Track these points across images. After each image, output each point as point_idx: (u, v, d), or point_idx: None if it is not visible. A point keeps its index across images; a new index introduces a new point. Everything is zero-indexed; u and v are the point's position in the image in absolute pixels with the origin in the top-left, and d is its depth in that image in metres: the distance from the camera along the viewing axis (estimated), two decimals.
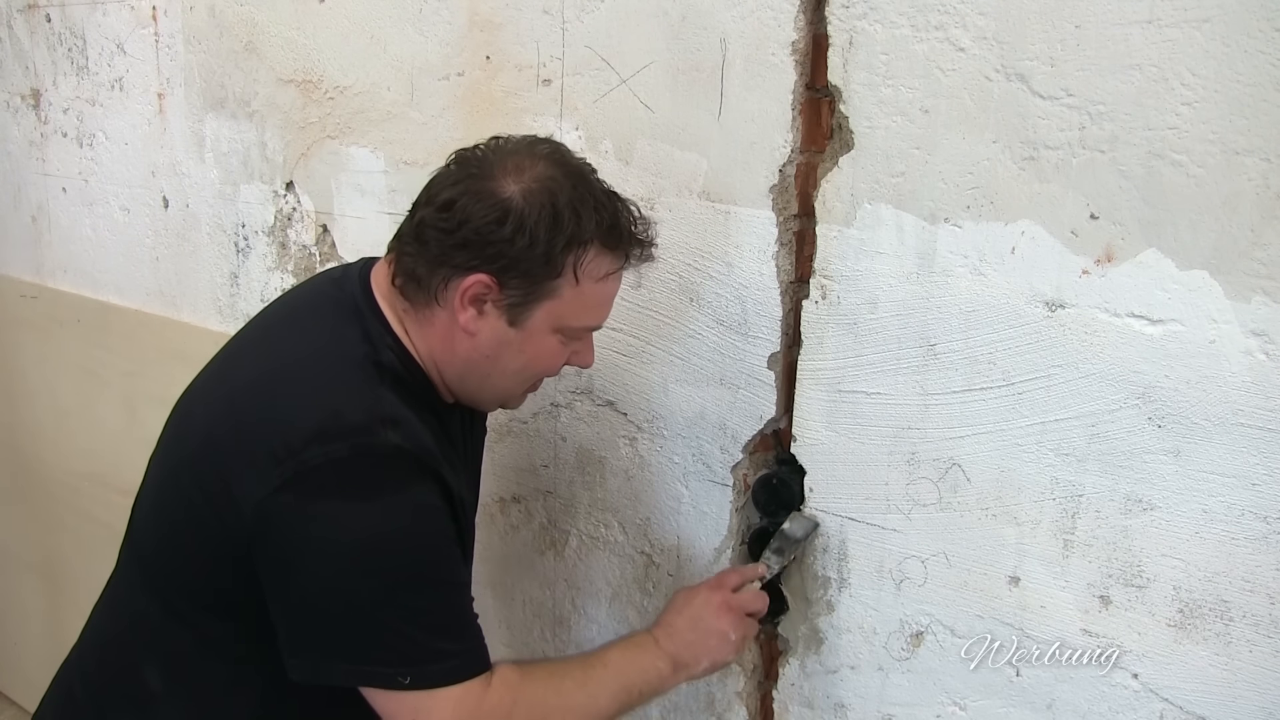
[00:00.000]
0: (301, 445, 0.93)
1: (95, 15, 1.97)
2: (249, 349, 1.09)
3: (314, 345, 1.03)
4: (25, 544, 2.51)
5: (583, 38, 1.28)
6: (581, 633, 1.49)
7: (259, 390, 1.00)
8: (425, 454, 0.97)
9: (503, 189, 0.96)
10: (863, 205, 1.09)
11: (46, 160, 2.18)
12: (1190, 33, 0.88)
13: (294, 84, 1.65)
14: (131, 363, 2.09)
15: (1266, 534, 0.92)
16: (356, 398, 0.97)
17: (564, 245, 0.96)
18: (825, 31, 1.09)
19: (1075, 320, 0.99)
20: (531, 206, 0.95)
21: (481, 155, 1.00)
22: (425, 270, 0.99)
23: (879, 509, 1.15)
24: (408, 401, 1.00)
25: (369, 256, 1.13)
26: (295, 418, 0.95)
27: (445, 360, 1.04)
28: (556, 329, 1.02)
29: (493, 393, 1.09)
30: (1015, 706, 1.10)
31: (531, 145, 1.01)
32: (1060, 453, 1.02)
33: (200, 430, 1.03)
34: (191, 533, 1.00)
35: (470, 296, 0.98)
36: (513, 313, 0.99)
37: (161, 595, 1.05)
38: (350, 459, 0.93)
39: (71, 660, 1.17)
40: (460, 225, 0.95)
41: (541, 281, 0.98)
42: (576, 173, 1.00)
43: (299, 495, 0.92)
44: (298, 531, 0.93)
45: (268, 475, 0.93)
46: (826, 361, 1.16)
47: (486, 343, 1.01)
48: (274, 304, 1.17)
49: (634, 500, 1.38)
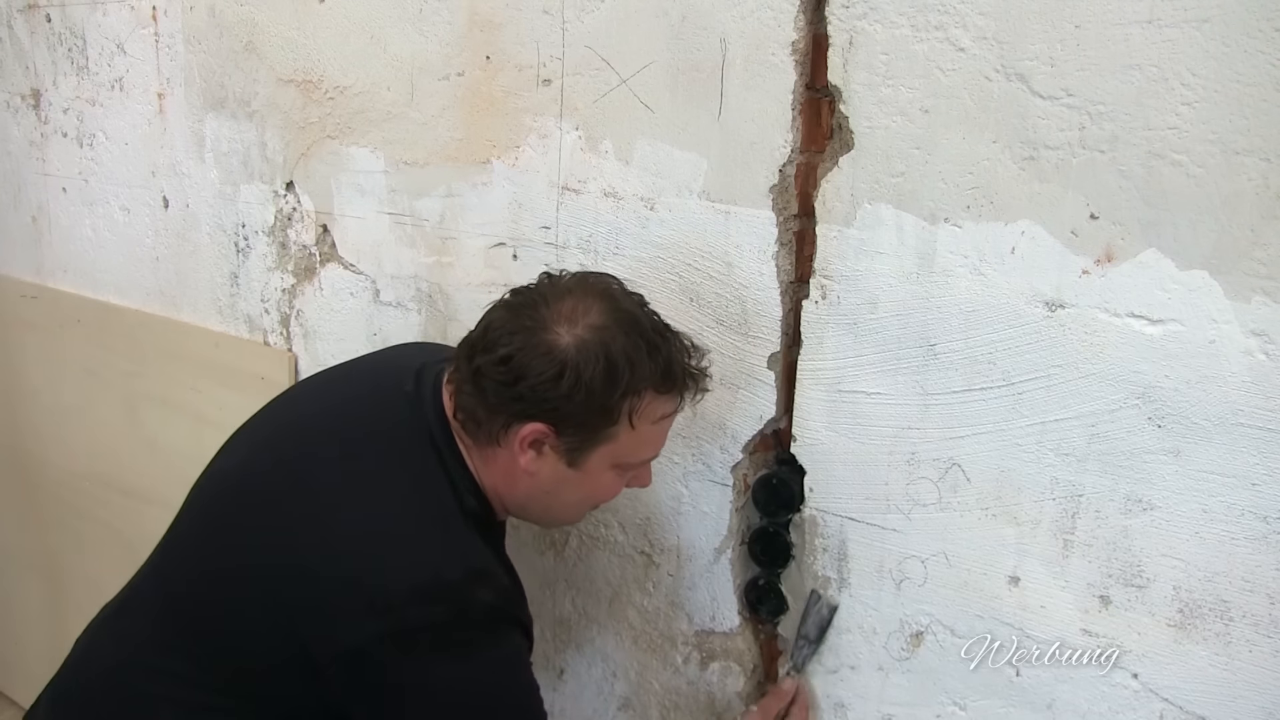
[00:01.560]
0: (401, 602, 0.96)
1: (95, 15, 1.97)
2: (332, 464, 1.06)
3: (408, 492, 1.04)
4: (26, 544, 2.51)
5: (583, 38, 1.28)
6: (581, 633, 1.49)
7: (355, 533, 1.01)
8: (510, 604, 1.04)
9: (557, 341, 0.99)
10: (863, 205, 1.09)
11: (46, 160, 2.17)
12: (1190, 33, 0.88)
13: (294, 84, 1.65)
14: (132, 363, 2.09)
15: (1266, 534, 0.92)
16: (452, 553, 1.01)
17: (619, 396, 1.00)
18: (825, 31, 1.09)
19: (1075, 320, 0.99)
20: (586, 360, 0.98)
21: (535, 301, 1.02)
22: (485, 414, 1.02)
23: (879, 509, 1.15)
24: (487, 541, 1.06)
25: (433, 356, 1.16)
26: (394, 569, 0.98)
27: (507, 492, 1.09)
28: (614, 466, 1.06)
29: (554, 520, 1.19)
30: (1015, 706, 1.10)
31: (583, 285, 1.04)
32: (1060, 453, 1.02)
33: (276, 530, 1.03)
34: (250, 622, 1.01)
35: (529, 442, 1.02)
36: (571, 456, 1.03)
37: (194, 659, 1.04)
38: (449, 622, 0.98)
39: (75, 664, 1.15)
40: (517, 380, 0.99)
41: (599, 430, 1.01)
42: (629, 318, 1.02)
43: (397, 650, 0.96)
44: (393, 682, 0.97)
45: (365, 626, 0.96)
46: (826, 361, 1.16)
47: (547, 480, 1.05)
48: (345, 395, 1.16)
49: (634, 500, 1.38)
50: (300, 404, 1.19)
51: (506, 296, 1.07)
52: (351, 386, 1.18)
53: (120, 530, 2.18)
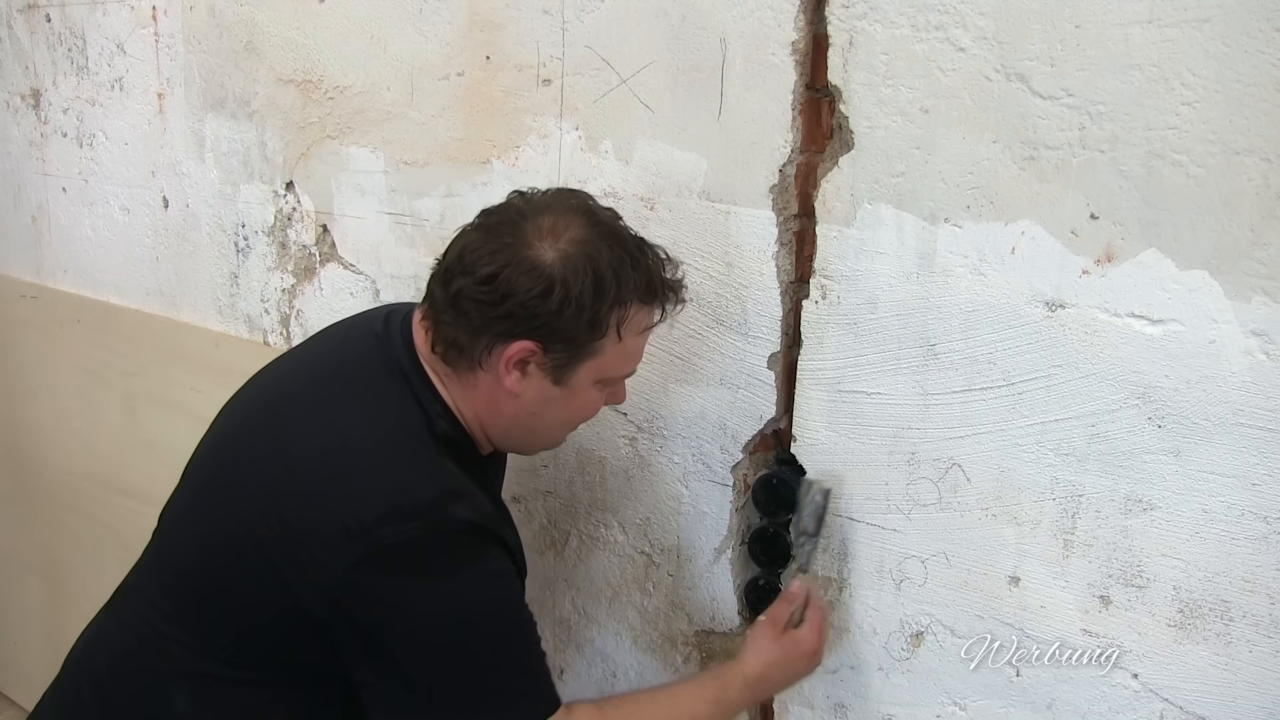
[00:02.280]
0: (375, 523, 0.95)
1: (95, 15, 1.97)
2: (301, 406, 1.07)
3: (374, 418, 1.03)
4: (25, 544, 2.51)
5: (583, 38, 1.28)
6: (581, 633, 1.49)
7: (325, 466, 1.00)
8: (490, 522, 1.02)
9: (542, 257, 0.97)
10: (863, 205, 1.09)
11: (46, 160, 2.17)
12: (1190, 33, 0.88)
13: (294, 84, 1.65)
14: (132, 363, 2.09)
15: (1266, 534, 0.92)
16: (423, 473, 1.00)
17: (608, 308, 0.99)
18: (825, 31, 1.09)
19: (1075, 320, 0.99)
20: (574, 274, 0.97)
21: (513, 219, 1.01)
22: (467, 339, 1.00)
23: (879, 509, 1.15)
24: (463, 467, 1.04)
25: (402, 305, 1.14)
26: (366, 496, 0.97)
27: (490, 420, 1.07)
28: (598, 381, 1.05)
29: (538, 444, 1.15)
30: (1015, 706, 1.10)
31: (560, 200, 1.03)
32: (1060, 453, 1.02)
33: (256, 486, 1.03)
34: (241, 586, 1.01)
35: (514, 362, 1.00)
36: (557, 373, 1.02)
37: (196, 629, 1.05)
38: (424, 537, 0.96)
39: (79, 660, 1.16)
40: (504, 298, 0.97)
41: (586, 344, 1.01)
42: (610, 230, 1.02)
43: (376, 572, 0.95)
44: (376, 607, 0.96)
45: (343, 552, 0.94)
46: (826, 361, 1.16)
47: (531, 401, 1.04)
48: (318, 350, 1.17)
49: (634, 500, 1.38)
50: (274, 365, 1.19)
51: (478, 219, 1.04)
52: (323, 341, 1.19)
53: (120, 530, 2.18)
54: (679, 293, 1.07)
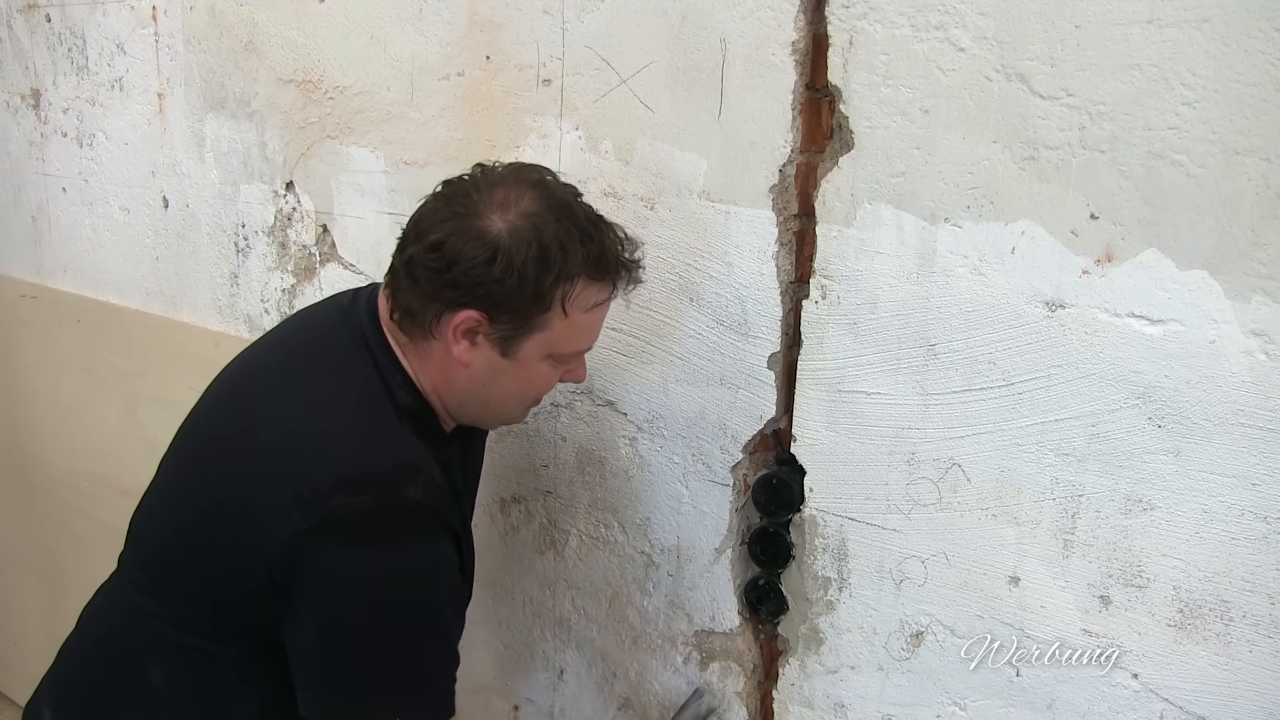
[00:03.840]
0: (327, 491, 0.96)
1: (95, 15, 1.97)
2: (268, 381, 1.10)
3: (334, 385, 1.05)
4: (26, 544, 2.51)
5: (583, 38, 1.28)
6: (581, 633, 1.49)
7: (284, 430, 1.02)
8: (440, 507, 1.02)
9: (490, 227, 0.98)
10: (863, 205, 1.09)
11: (46, 160, 2.17)
12: (1190, 33, 0.88)
13: (294, 84, 1.65)
14: (131, 363, 2.08)
15: (1266, 534, 0.92)
16: (379, 442, 1.01)
17: (552, 281, 0.99)
18: (825, 31, 1.09)
19: (1075, 320, 0.99)
20: (519, 245, 0.97)
21: (467, 189, 1.01)
22: (419, 305, 1.01)
23: (879, 509, 1.15)
24: (422, 437, 1.04)
25: (375, 283, 1.15)
26: (322, 466, 0.98)
27: (445, 390, 1.07)
28: (548, 356, 1.05)
29: (494, 417, 1.14)
30: (1015, 706, 1.10)
31: (517, 174, 1.03)
32: (1060, 453, 1.02)
33: (224, 460, 1.05)
34: (208, 558, 1.03)
35: (462, 331, 1.01)
36: (504, 345, 1.02)
37: (168, 602, 1.07)
38: (372, 510, 0.97)
39: (71, 647, 1.18)
40: (450, 266, 0.98)
41: (531, 316, 1.00)
42: (561, 205, 1.01)
43: (323, 540, 0.96)
44: (318, 574, 0.97)
45: (294, 518, 0.96)
46: (826, 361, 1.16)
47: (481, 372, 1.04)
48: (288, 328, 1.19)
49: (634, 500, 1.38)
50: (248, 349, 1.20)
51: (437, 187, 1.05)
52: (294, 321, 1.20)
53: (120, 530, 2.16)
54: (633, 272, 1.06)
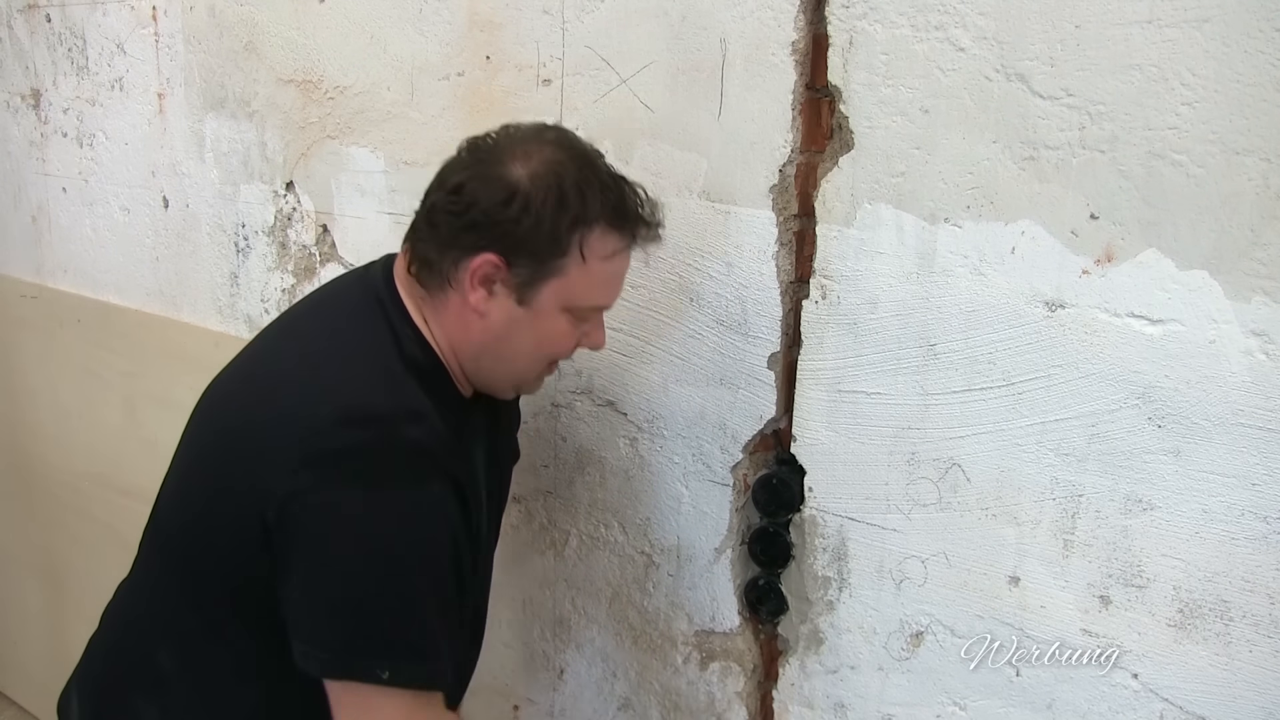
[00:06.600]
0: (327, 427, 0.95)
1: (95, 15, 1.97)
2: (276, 343, 1.11)
3: (341, 337, 1.05)
4: (25, 544, 2.51)
5: (583, 38, 1.28)
6: (581, 633, 1.49)
7: (287, 380, 1.02)
8: (443, 454, 0.99)
9: (511, 173, 0.98)
10: (863, 205, 1.09)
11: (46, 160, 2.17)
12: (1190, 33, 0.88)
13: (294, 84, 1.65)
14: (131, 363, 2.09)
15: (1266, 534, 0.92)
16: (382, 388, 1.00)
17: (570, 224, 0.99)
18: (825, 31, 1.09)
19: (1075, 320, 0.99)
20: (538, 188, 0.98)
21: (492, 143, 1.03)
22: (437, 254, 1.01)
23: (879, 509, 1.15)
24: (430, 394, 1.02)
25: (392, 253, 1.14)
26: (322, 404, 0.97)
27: (461, 343, 1.06)
28: (565, 308, 1.04)
29: (508, 375, 1.11)
30: (1015, 706, 1.10)
31: (540, 131, 1.04)
32: (1060, 453, 1.02)
33: (231, 419, 1.05)
34: (214, 517, 1.02)
35: (480, 277, 1.00)
36: (521, 292, 1.01)
37: (178, 577, 1.07)
38: (372, 449, 0.95)
39: (97, 637, 1.19)
40: (469, 207, 0.98)
41: (548, 260, 1.00)
42: (583, 156, 1.02)
43: (317, 475, 0.94)
44: (311, 510, 0.94)
45: (292, 457, 0.95)
46: (826, 361, 1.16)
47: (498, 323, 1.03)
48: (300, 301, 1.20)
49: (634, 500, 1.38)
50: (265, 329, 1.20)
51: (463, 143, 1.06)
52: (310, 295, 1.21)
53: (120, 530, 2.17)
54: (653, 228, 1.06)
